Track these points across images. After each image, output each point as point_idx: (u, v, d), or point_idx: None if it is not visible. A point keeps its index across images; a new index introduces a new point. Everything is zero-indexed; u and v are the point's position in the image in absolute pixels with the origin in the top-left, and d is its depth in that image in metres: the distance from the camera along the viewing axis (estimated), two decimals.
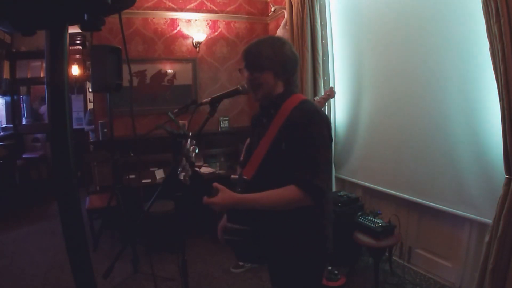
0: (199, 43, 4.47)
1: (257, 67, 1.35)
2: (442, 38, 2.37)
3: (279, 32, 4.03)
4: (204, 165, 4.35)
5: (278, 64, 1.34)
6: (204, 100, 1.41)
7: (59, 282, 2.83)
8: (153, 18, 4.31)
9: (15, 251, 3.49)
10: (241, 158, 2.84)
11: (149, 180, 3.69)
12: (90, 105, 6.08)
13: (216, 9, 4.58)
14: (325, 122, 1.33)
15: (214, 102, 1.36)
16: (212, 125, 4.56)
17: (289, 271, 1.40)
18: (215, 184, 1.22)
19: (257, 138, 1.42)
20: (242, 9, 4.72)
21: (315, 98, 2.89)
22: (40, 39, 0.81)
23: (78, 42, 6.31)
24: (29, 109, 6.53)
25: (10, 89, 5.66)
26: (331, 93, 2.70)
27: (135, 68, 4.24)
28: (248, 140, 2.94)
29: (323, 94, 3.36)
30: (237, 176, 1.39)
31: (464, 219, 2.39)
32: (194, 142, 1.18)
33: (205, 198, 1.22)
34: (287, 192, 1.23)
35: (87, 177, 3.90)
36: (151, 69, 4.36)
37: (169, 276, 2.87)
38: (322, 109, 2.77)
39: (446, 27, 2.33)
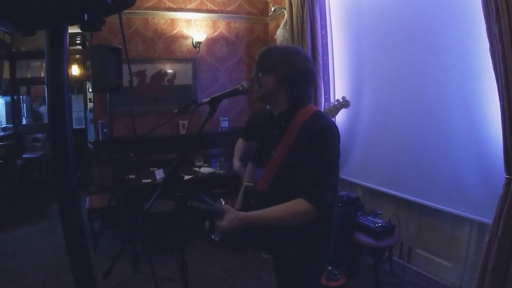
0: (199, 43, 4.47)
1: (262, 67, 1.37)
2: (442, 38, 2.37)
3: (279, 32, 4.03)
4: (204, 165, 4.35)
5: (283, 70, 1.33)
6: (204, 100, 1.41)
7: (59, 282, 2.83)
8: (153, 18, 4.31)
9: (15, 251, 3.48)
10: (236, 163, 2.83)
11: (149, 180, 3.69)
12: (90, 105, 6.09)
13: (216, 9, 4.58)
14: (335, 138, 1.32)
15: (214, 102, 1.36)
16: (212, 125, 4.56)
17: (290, 269, 1.47)
18: (224, 206, 1.22)
19: (268, 148, 1.44)
20: (242, 9, 4.71)
21: (327, 106, 2.84)
22: (40, 39, 0.81)
23: (78, 42, 6.31)
24: (29, 109, 6.53)
25: (10, 89, 5.66)
26: (345, 103, 2.65)
27: (135, 68, 4.24)
28: (240, 142, 2.90)
29: (325, 101, 3.35)
30: (252, 184, 1.43)
31: (464, 219, 2.39)
32: (223, 202, 1.25)
33: (217, 222, 1.22)
34: (295, 206, 1.21)
35: (87, 177, 3.89)
36: (151, 69, 4.36)
37: (169, 276, 2.87)
38: (333, 118, 2.73)
39: (446, 27, 2.33)
